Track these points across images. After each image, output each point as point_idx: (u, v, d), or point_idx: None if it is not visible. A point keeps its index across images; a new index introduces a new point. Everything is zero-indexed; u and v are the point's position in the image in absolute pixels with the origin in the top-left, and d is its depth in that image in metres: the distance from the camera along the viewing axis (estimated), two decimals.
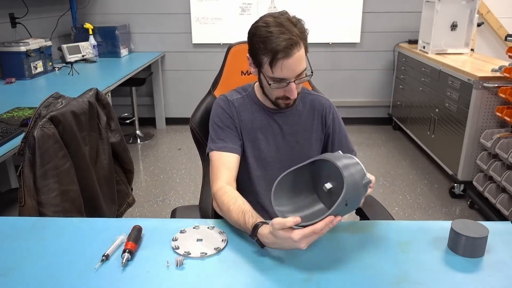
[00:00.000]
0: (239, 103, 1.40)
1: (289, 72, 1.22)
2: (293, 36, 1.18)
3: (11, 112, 2.08)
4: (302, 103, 1.42)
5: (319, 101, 1.44)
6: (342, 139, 1.44)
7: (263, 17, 1.26)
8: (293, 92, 1.25)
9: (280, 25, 1.20)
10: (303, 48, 1.22)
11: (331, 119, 1.43)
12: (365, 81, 4.50)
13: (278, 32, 1.18)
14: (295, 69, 1.22)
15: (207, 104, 1.57)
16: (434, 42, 3.61)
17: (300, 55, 1.21)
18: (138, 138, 4.28)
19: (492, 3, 4.13)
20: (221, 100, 1.41)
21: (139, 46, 4.40)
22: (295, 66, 1.21)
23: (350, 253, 1.06)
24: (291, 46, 1.18)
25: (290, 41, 1.18)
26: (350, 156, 1.06)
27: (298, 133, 1.41)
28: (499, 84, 2.69)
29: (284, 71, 1.21)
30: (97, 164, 1.71)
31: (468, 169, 2.93)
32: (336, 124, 1.44)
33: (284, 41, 1.17)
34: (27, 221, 1.23)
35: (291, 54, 1.19)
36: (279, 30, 1.19)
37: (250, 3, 4.20)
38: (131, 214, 2.82)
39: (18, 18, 3.21)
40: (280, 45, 1.17)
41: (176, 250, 1.06)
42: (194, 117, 1.55)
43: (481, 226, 1.07)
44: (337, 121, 1.44)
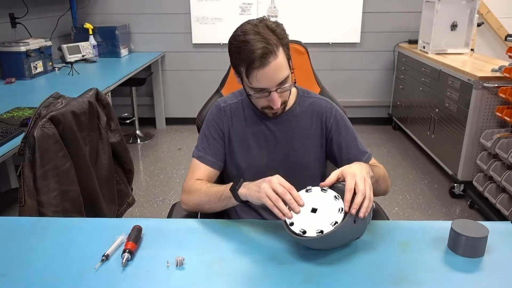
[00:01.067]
0: (233, 109, 1.37)
1: (267, 82, 1.17)
2: (268, 44, 1.13)
3: (11, 112, 2.08)
4: (300, 107, 1.36)
5: (319, 104, 1.37)
6: (351, 142, 1.35)
7: (242, 25, 1.21)
8: (275, 102, 1.20)
9: (256, 33, 1.14)
10: (282, 55, 1.16)
11: (333, 122, 1.35)
12: (365, 81, 4.50)
13: (253, 41, 1.13)
14: (273, 78, 1.16)
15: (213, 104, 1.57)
16: (434, 42, 3.61)
17: (278, 63, 1.15)
18: (138, 138, 4.28)
19: (492, 3, 4.13)
20: (215, 107, 1.39)
21: (139, 46, 4.40)
22: (272, 75, 1.16)
23: (350, 253, 1.06)
24: (266, 55, 1.12)
25: (265, 49, 1.12)
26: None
27: (294, 139, 1.35)
28: (499, 84, 2.69)
29: (262, 81, 1.16)
30: (97, 164, 1.71)
31: (468, 169, 2.93)
32: (341, 127, 1.35)
33: (259, 49, 1.12)
34: (27, 221, 1.23)
35: (267, 63, 1.13)
36: (254, 39, 1.13)
37: (250, 3, 4.20)
38: (131, 214, 2.82)
39: (18, 18, 3.21)
40: (254, 54, 1.12)
41: (290, 226, 1.03)
42: (200, 115, 1.56)
43: (481, 226, 1.07)
44: (342, 124, 1.36)
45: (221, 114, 1.36)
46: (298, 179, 1.23)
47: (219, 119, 1.36)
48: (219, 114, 1.37)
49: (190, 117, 4.61)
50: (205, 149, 1.34)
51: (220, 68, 4.34)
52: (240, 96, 1.39)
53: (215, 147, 1.34)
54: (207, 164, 1.33)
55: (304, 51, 1.55)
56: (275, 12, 4.19)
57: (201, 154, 1.34)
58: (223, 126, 1.36)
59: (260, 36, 1.13)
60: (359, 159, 1.30)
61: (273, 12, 4.20)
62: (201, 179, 1.31)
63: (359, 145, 1.36)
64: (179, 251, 1.06)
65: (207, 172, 1.33)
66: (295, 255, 1.05)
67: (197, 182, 1.28)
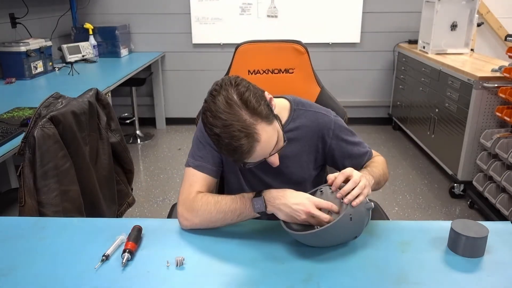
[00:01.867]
0: None
1: (259, 158, 1.08)
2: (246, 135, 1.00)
3: (11, 112, 2.08)
4: (294, 123, 1.28)
5: (316, 120, 1.29)
6: (353, 152, 1.31)
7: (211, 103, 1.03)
8: (274, 163, 1.13)
9: (225, 126, 1.00)
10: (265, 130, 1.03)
11: (332, 137, 1.29)
12: (365, 81, 4.50)
13: (234, 137, 1.00)
14: (264, 155, 1.07)
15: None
16: (434, 42, 3.61)
17: (264, 142, 1.03)
18: (138, 138, 4.28)
19: (492, 3, 4.13)
20: None
21: (139, 46, 4.41)
22: (263, 154, 1.07)
23: (350, 253, 1.06)
24: (248, 150, 1.02)
25: (243, 144, 1.01)
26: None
27: (287, 158, 1.28)
28: (499, 84, 2.69)
29: (254, 160, 1.08)
30: (97, 164, 1.71)
31: (468, 169, 2.94)
32: (340, 140, 1.30)
33: (238, 148, 1.01)
34: (27, 221, 1.23)
35: (252, 151, 1.03)
36: (229, 135, 1.00)
37: (250, 3, 4.20)
38: (131, 214, 2.82)
39: (18, 18, 3.21)
40: (237, 154, 1.03)
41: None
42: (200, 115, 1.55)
43: (481, 226, 1.07)
44: (341, 137, 1.30)
45: None
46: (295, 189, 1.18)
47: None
48: None
49: (190, 117, 4.61)
50: (202, 157, 1.25)
51: (220, 68, 4.36)
52: None
53: (213, 154, 1.26)
54: (206, 173, 1.24)
55: (304, 51, 1.55)
56: (275, 12, 4.20)
57: (198, 163, 1.24)
58: None
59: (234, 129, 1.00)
60: (364, 157, 1.33)
61: (273, 12, 4.20)
62: (202, 191, 1.21)
63: (360, 148, 1.33)
64: (179, 251, 1.07)
65: (207, 182, 1.24)
66: (295, 255, 1.05)
67: (199, 196, 1.17)
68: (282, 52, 1.56)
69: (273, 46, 1.56)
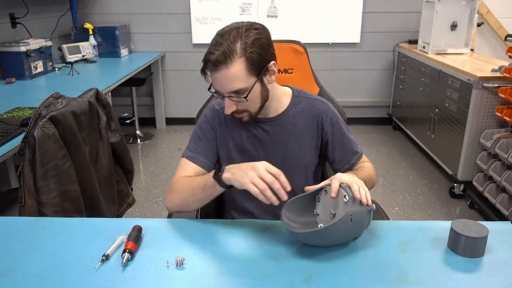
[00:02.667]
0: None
1: (218, 86, 1.18)
2: (223, 53, 1.12)
3: (11, 112, 2.08)
4: (296, 108, 1.34)
5: (315, 106, 1.35)
6: (345, 143, 1.36)
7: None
8: (226, 108, 1.20)
9: (221, 37, 1.14)
10: (240, 65, 1.13)
11: (329, 125, 1.34)
12: (365, 81, 4.50)
13: (214, 43, 1.15)
14: (223, 85, 1.16)
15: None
16: (434, 42, 3.61)
17: (230, 73, 1.13)
18: (138, 138, 4.28)
19: (492, 3, 4.13)
20: (208, 109, 1.38)
21: (139, 46, 4.41)
22: (222, 83, 1.16)
23: (349, 253, 1.06)
24: (217, 62, 1.13)
25: (219, 57, 1.12)
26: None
27: (291, 141, 1.33)
28: (499, 84, 2.69)
29: (215, 83, 1.18)
30: (97, 164, 1.72)
31: (468, 169, 2.94)
32: (336, 129, 1.35)
33: (214, 55, 1.13)
34: (27, 221, 1.23)
35: (217, 69, 1.14)
36: (215, 43, 1.14)
37: (250, 3, 4.20)
38: (131, 214, 2.82)
39: (18, 18, 3.21)
40: (210, 57, 1.13)
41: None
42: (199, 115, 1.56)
43: (481, 226, 1.07)
44: (337, 126, 1.35)
45: (214, 116, 1.35)
46: (296, 180, 1.25)
47: (213, 121, 1.35)
48: (213, 116, 1.35)
49: (190, 117, 4.59)
50: (196, 148, 1.33)
51: None
52: None
53: (207, 147, 1.33)
54: (197, 164, 1.30)
55: (303, 51, 1.55)
56: (275, 12, 4.20)
57: (191, 153, 1.32)
58: (216, 129, 1.35)
59: (222, 39, 1.13)
60: (351, 158, 1.36)
61: (273, 12, 4.20)
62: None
63: (352, 146, 1.38)
64: (179, 251, 1.07)
65: (195, 171, 1.30)
66: (295, 255, 1.05)
67: (181, 178, 1.26)
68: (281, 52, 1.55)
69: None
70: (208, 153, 1.33)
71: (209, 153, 1.33)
